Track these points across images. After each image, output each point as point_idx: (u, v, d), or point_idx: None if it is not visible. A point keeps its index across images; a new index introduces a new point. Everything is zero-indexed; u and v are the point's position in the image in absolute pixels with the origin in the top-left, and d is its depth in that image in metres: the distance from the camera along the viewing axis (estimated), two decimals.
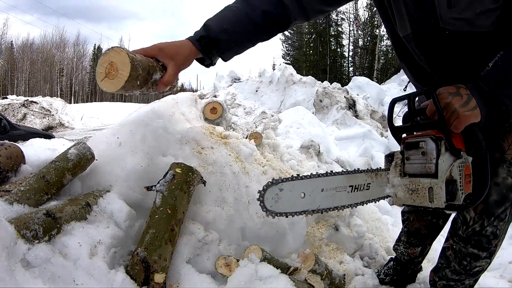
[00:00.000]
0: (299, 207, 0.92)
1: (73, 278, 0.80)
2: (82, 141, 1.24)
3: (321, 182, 0.94)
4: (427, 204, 0.91)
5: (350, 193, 0.97)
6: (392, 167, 1.00)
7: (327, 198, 0.95)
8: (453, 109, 0.83)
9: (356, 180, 0.98)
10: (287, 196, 0.90)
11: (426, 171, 0.91)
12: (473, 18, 0.87)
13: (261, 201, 0.88)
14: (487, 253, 1.12)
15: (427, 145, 0.90)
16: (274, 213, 0.89)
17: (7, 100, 13.23)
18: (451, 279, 1.20)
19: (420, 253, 1.42)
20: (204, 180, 1.16)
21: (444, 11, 0.88)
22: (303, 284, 1.10)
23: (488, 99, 0.81)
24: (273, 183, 0.89)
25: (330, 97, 8.12)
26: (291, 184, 0.91)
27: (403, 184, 0.96)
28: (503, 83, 0.80)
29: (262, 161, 1.47)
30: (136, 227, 1.06)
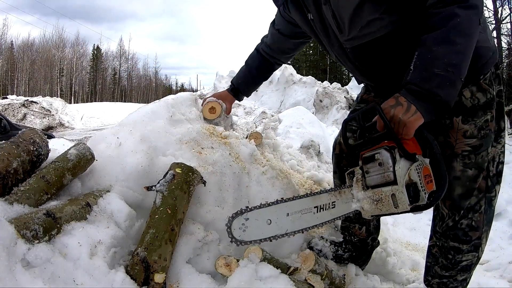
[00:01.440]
0: (267, 234, 0.97)
1: (73, 278, 0.80)
2: (82, 141, 1.24)
3: (285, 207, 0.99)
4: (393, 210, 0.96)
5: (316, 214, 1.02)
6: (354, 183, 1.05)
7: (293, 221, 1.00)
8: (398, 119, 0.90)
9: (320, 200, 1.03)
10: (254, 225, 0.95)
11: (386, 180, 0.95)
12: (357, 34, 1.02)
13: (229, 232, 0.93)
14: (468, 246, 1.15)
15: (382, 156, 0.95)
16: (244, 242, 0.94)
17: (7, 100, 13.22)
18: (443, 275, 1.22)
19: (367, 232, 1.43)
20: (204, 180, 1.16)
21: (339, 37, 1.08)
22: (303, 284, 1.10)
23: (421, 96, 0.88)
24: (237, 214, 0.94)
25: (330, 97, 8.13)
26: (256, 213, 0.96)
27: (367, 196, 1.01)
28: (427, 78, 0.87)
29: (262, 161, 1.47)
30: (136, 227, 1.06)
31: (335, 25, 1.06)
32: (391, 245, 1.76)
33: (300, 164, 2.13)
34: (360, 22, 0.99)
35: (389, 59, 1.05)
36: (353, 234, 1.42)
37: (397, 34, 0.99)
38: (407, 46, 0.95)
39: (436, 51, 0.87)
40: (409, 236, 2.27)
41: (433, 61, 0.87)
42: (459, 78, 0.87)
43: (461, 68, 0.87)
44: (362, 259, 1.47)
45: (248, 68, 1.66)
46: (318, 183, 1.81)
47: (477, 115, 1.04)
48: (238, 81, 1.69)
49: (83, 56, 44.28)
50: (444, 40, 0.87)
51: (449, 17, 0.87)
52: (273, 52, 1.56)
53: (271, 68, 1.65)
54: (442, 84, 0.86)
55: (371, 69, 1.13)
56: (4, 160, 0.92)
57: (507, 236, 2.19)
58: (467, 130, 1.05)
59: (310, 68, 31.39)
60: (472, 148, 1.06)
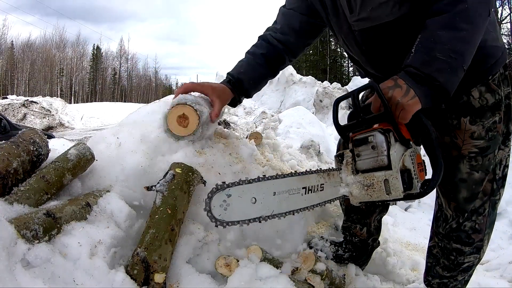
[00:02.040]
0: (251, 214, 0.86)
1: (73, 278, 0.80)
2: (82, 141, 1.24)
3: (271, 185, 0.89)
4: (384, 197, 0.90)
5: (304, 195, 0.94)
6: (343, 166, 0.98)
7: (280, 202, 0.90)
8: (396, 102, 0.86)
9: (309, 181, 0.95)
10: (237, 203, 0.84)
11: (379, 164, 0.90)
12: (368, 16, 0.98)
13: (208, 211, 0.80)
14: (471, 248, 1.14)
15: (376, 139, 0.90)
16: (225, 222, 0.83)
17: (7, 100, 13.23)
18: (444, 276, 1.22)
19: (368, 233, 1.41)
20: (204, 180, 1.16)
21: (349, 17, 1.03)
22: (303, 284, 1.10)
23: (420, 79, 0.85)
24: (218, 188, 0.82)
25: (330, 97, 8.13)
26: (239, 189, 0.85)
27: (357, 181, 0.95)
28: (428, 62, 0.84)
29: (262, 161, 1.47)
30: (136, 227, 1.06)
31: (346, 4, 1.01)
32: (391, 245, 1.76)
33: (300, 164, 2.14)
34: (371, 3, 0.96)
35: (397, 46, 1.01)
36: (354, 235, 1.42)
37: (407, 21, 0.97)
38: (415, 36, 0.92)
39: (440, 35, 0.84)
40: (409, 236, 2.27)
41: (436, 45, 0.84)
42: (462, 66, 0.84)
43: (464, 56, 0.84)
44: (362, 259, 1.47)
45: (252, 56, 1.31)
46: None
47: (485, 116, 1.02)
48: (239, 70, 1.29)
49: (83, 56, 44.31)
50: (448, 25, 0.84)
51: (456, 2, 0.84)
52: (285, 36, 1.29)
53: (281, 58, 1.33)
54: (443, 69, 0.84)
55: (377, 56, 1.09)
56: (4, 160, 0.92)
57: (507, 236, 2.19)
58: (475, 131, 1.02)
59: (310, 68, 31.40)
60: (479, 150, 1.04)
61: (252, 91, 1.32)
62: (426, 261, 1.29)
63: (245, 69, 1.28)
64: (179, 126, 1.12)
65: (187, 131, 1.14)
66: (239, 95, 1.30)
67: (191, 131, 1.14)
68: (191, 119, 1.11)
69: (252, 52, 1.31)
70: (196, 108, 1.11)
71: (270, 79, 1.38)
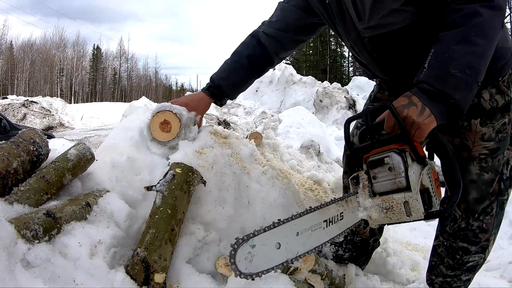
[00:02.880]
0: (277, 260, 0.83)
1: (73, 278, 0.80)
2: (82, 141, 1.24)
3: (294, 225, 0.86)
4: (405, 219, 0.88)
5: (326, 228, 0.91)
6: (360, 189, 0.96)
7: (304, 241, 0.87)
8: (412, 121, 0.84)
9: (329, 212, 0.93)
10: (261, 252, 0.81)
11: (397, 186, 0.88)
12: (378, 23, 0.95)
13: (233, 263, 0.77)
14: (477, 247, 1.14)
15: (393, 160, 0.87)
16: (250, 275, 0.79)
17: (7, 100, 13.22)
18: (447, 275, 1.21)
19: (370, 232, 1.40)
20: (204, 180, 1.16)
21: (358, 24, 1.00)
22: (303, 284, 1.10)
23: (435, 96, 0.83)
24: (242, 241, 0.79)
25: (330, 97, 8.13)
26: (263, 237, 0.81)
27: (375, 204, 0.93)
28: (443, 78, 0.82)
29: (262, 161, 1.47)
30: (136, 227, 1.06)
31: (353, 12, 0.99)
32: (391, 245, 1.76)
33: (300, 164, 2.14)
34: (381, 10, 0.93)
35: (409, 53, 1.00)
36: (357, 233, 1.41)
37: (418, 27, 0.95)
38: (427, 41, 0.90)
39: (454, 50, 0.81)
40: (409, 236, 2.27)
41: (450, 61, 0.82)
42: (476, 81, 0.83)
43: (479, 71, 0.82)
44: (362, 259, 1.46)
45: (236, 57, 1.30)
46: (318, 183, 1.82)
47: (495, 118, 1.01)
48: (220, 75, 1.29)
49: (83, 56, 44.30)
50: (463, 39, 0.82)
51: (471, 16, 0.82)
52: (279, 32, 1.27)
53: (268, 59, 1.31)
54: (457, 85, 0.81)
55: (388, 62, 1.07)
56: (4, 160, 0.92)
57: (507, 236, 2.19)
58: (485, 133, 1.02)
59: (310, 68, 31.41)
60: (489, 152, 1.04)
61: (233, 95, 1.34)
62: (429, 260, 1.28)
63: (226, 73, 1.29)
64: (162, 132, 1.16)
65: (171, 135, 1.18)
66: (220, 99, 1.34)
67: (174, 134, 1.18)
68: (173, 123, 1.16)
69: (238, 53, 1.30)
70: (175, 112, 1.16)
71: (256, 79, 1.38)
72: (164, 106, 1.20)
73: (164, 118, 1.17)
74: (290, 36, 1.29)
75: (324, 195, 1.70)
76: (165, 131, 1.17)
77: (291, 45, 1.33)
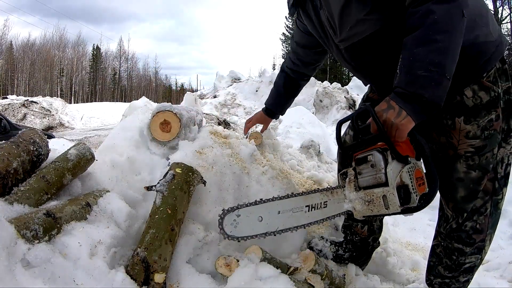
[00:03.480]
0: (258, 230, 0.99)
1: (73, 278, 0.80)
2: (82, 142, 1.24)
3: (276, 205, 1.01)
4: (384, 211, 0.97)
5: (308, 213, 1.04)
6: (347, 183, 1.06)
7: (284, 219, 1.02)
8: (391, 123, 0.91)
9: (312, 200, 1.04)
10: (245, 221, 0.97)
11: (377, 181, 0.97)
12: (349, 34, 1.04)
13: (221, 228, 0.96)
14: (472, 248, 1.14)
15: (375, 158, 0.96)
16: (235, 237, 0.97)
17: (7, 100, 13.22)
18: (445, 276, 1.22)
19: (369, 231, 1.41)
20: (204, 180, 1.16)
21: (334, 38, 1.10)
22: (303, 284, 1.10)
23: (408, 98, 0.88)
24: (229, 210, 0.96)
25: (330, 97, 8.13)
26: (248, 210, 0.98)
27: (359, 197, 1.03)
28: (412, 80, 0.88)
29: (262, 161, 1.47)
30: (136, 227, 1.06)
31: (329, 28, 1.08)
32: (391, 245, 1.76)
33: (300, 164, 2.13)
34: (349, 22, 1.01)
35: (381, 57, 1.05)
36: (355, 233, 1.42)
37: (386, 31, 1.00)
38: (397, 44, 0.95)
39: (417, 52, 0.87)
40: (409, 236, 2.27)
41: (415, 63, 0.87)
42: (445, 76, 0.86)
43: (445, 66, 0.86)
44: (362, 259, 1.46)
45: (276, 87, 1.70)
46: (318, 183, 1.82)
47: (479, 115, 1.01)
48: (269, 101, 1.74)
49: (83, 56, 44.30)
50: (423, 40, 0.86)
51: (425, 15, 0.86)
52: (297, 66, 1.58)
53: (297, 84, 1.67)
54: (425, 84, 0.86)
55: (366, 69, 1.14)
56: (4, 160, 0.92)
57: (507, 236, 2.19)
58: (470, 131, 1.03)
59: None
60: (475, 149, 1.04)
61: (282, 112, 1.76)
62: (428, 260, 1.28)
63: (273, 100, 1.71)
64: (162, 132, 1.16)
65: (171, 135, 1.18)
66: (275, 117, 1.77)
67: (174, 134, 1.18)
68: (173, 123, 1.16)
69: (277, 84, 1.69)
70: (175, 112, 1.16)
71: (294, 98, 1.75)
72: (164, 106, 1.21)
73: (164, 118, 1.18)
74: (305, 69, 1.59)
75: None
76: (165, 131, 1.18)
77: (310, 72, 1.63)
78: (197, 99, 1.75)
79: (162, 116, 1.18)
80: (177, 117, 1.18)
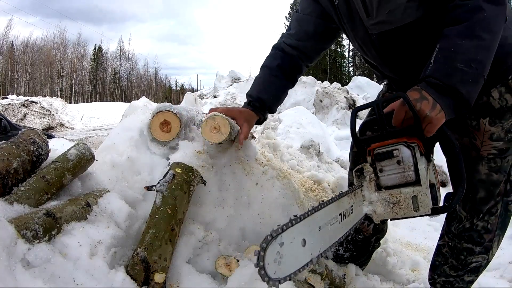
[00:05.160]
0: (303, 259, 0.73)
1: (73, 278, 0.80)
2: (82, 142, 1.24)
3: (317, 219, 0.79)
4: (411, 214, 0.87)
5: (341, 222, 0.87)
6: (366, 182, 0.93)
7: (324, 236, 0.80)
8: (425, 115, 0.84)
9: (343, 205, 0.88)
10: (289, 250, 0.69)
11: (406, 180, 0.86)
12: (386, 19, 0.97)
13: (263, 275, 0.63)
14: (481, 247, 1.14)
15: (402, 153, 0.85)
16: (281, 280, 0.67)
17: (7, 100, 13.23)
18: (450, 275, 1.21)
19: (374, 230, 1.40)
20: (204, 180, 1.16)
21: (365, 21, 1.01)
22: (303, 284, 1.10)
23: (443, 90, 0.84)
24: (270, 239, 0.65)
25: (330, 97, 8.13)
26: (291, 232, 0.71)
27: (381, 198, 0.90)
28: (450, 72, 0.83)
29: (262, 161, 1.47)
30: (136, 227, 1.06)
31: (362, 8, 1.00)
32: (391, 245, 1.76)
33: (300, 164, 2.13)
34: (389, 5, 0.95)
35: (415, 49, 1.00)
36: (360, 231, 1.40)
37: (424, 23, 0.96)
38: (433, 37, 0.91)
39: (460, 45, 0.83)
40: (409, 236, 2.27)
41: (456, 55, 0.83)
42: (482, 75, 0.84)
43: (485, 65, 0.84)
44: (363, 259, 1.46)
45: (267, 70, 1.29)
46: (318, 183, 1.82)
47: (504, 117, 1.01)
48: (258, 89, 1.27)
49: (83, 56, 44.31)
50: (468, 34, 0.83)
51: (474, 10, 0.84)
52: (300, 42, 1.27)
53: (297, 66, 1.31)
54: (464, 79, 0.83)
55: (396, 59, 1.08)
56: (4, 160, 0.92)
57: (507, 236, 2.18)
58: (494, 133, 1.01)
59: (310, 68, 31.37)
60: (498, 152, 1.03)
61: (274, 107, 1.32)
62: (433, 259, 1.27)
63: (263, 86, 1.28)
64: (162, 132, 1.15)
65: (171, 135, 1.17)
66: (263, 114, 1.30)
67: (174, 134, 1.17)
68: (173, 123, 1.15)
69: (268, 66, 1.29)
70: (176, 112, 1.15)
71: (290, 88, 1.35)
72: (164, 106, 1.20)
73: (164, 118, 1.17)
74: (311, 45, 1.30)
75: (324, 195, 1.70)
76: (165, 131, 1.16)
77: (314, 54, 1.34)
78: (197, 99, 1.72)
79: (162, 116, 1.18)
80: (177, 117, 1.17)
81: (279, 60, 1.28)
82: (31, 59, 38.36)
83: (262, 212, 1.25)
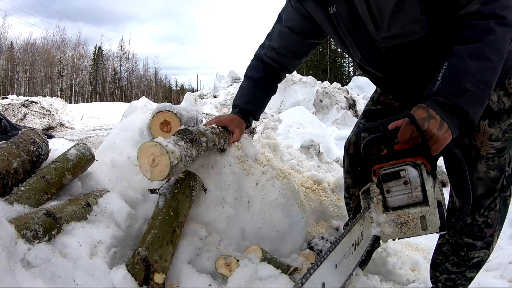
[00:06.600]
0: None
1: (73, 278, 0.80)
2: (82, 142, 1.24)
3: (334, 257, 0.77)
4: (420, 233, 0.87)
5: (354, 253, 0.86)
6: (374, 204, 0.92)
7: (341, 273, 0.80)
8: (432, 134, 0.84)
9: (355, 234, 0.87)
10: None
11: (414, 201, 0.86)
12: (398, 32, 0.97)
13: None
14: (482, 242, 1.16)
15: (409, 174, 0.85)
16: None
17: (7, 100, 13.23)
18: (452, 272, 1.22)
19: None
20: (205, 188, 1.16)
21: (375, 34, 1.00)
22: None
23: (450, 110, 0.84)
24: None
25: (330, 97, 8.13)
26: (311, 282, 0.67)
27: (389, 219, 0.90)
28: (458, 92, 0.83)
29: (262, 161, 1.47)
30: (136, 227, 1.06)
31: (370, 21, 0.98)
32: (391, 245, 1.76)
33: (300, 164, 2.13)
34: (402, 19, 0.94)
35: (422, 63, 1.02)
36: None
37: (432, 38, 0.97)
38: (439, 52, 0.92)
39: (469, 65, 0.83)
40: None
41: (465, 75, 0.83)
42: (488, 96, 0.86)
43: (491, 86, 0.85)
44: (362, 260, 1.46)
45: (251, 81, 1.37)
46: (318, 183, 1.81)
47: (502, 119, 1.05)
48: (243, 100, 1.38)
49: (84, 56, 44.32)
50: (478, 55, 0.84)
51: (486, 32, 0.84)
52: (281, 56, 1.34)
53: (278, 77, 1.41)
54: (472, 100, 0.83)
55: (402, 72, 1.09)
56: (4, 160, 0.92)
57: (507, 236, 2.19)
58: (493, 134, 1.06)
59: (310, 68, 31.41)
60: (496, 151, 1.07)
61: (258, 114, 1.45)
62: (433, 258, 1.28)
63: (247, 98, 1.38)
64: (163, 132, 1.15)
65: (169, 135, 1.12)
66: (250, 121, 1.42)
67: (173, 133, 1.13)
68: (173, 123, 1.16)
69: (251, 77, 1.38)
70: (176, 112, 1.16)
71: (272, 95, 1.47)
72: (164, 106, 1.21)
73: (164, 118, 1.18)
74: (292, 60, 1.37)
75: (324, 195, 1.70)
76: (165, 131, 1.17)
77: (293, 67, 1.43)
78: (197, 99, 1.71)
79: (162, 116, 1.18)
80: (177, 117, 1.18)
81: (262, 73, 1.37)
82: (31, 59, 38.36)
83: (262, 212, 1.25)
